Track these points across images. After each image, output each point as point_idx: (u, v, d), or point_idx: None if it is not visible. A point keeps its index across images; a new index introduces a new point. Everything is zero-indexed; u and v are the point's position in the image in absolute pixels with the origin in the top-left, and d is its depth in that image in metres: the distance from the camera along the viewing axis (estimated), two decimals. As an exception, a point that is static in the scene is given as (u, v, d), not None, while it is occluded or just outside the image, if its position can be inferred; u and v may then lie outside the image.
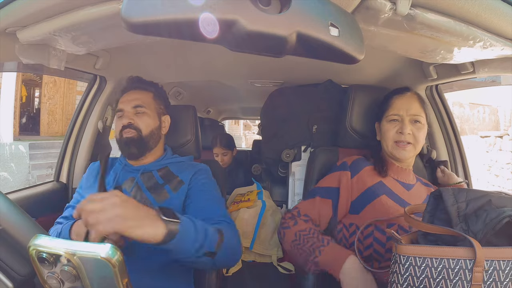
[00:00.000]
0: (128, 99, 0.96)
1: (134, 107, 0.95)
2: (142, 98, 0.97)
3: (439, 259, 0.55)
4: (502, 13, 0.58)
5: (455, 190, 0.61)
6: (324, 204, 0.90)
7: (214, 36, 0.41)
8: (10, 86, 6.21)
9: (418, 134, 0.89)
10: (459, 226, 0.57)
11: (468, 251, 0.54)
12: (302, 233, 0.85)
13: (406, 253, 0.57)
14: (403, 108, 0.90)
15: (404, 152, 0.89)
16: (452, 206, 0.59)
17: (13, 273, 0.44)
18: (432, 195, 0.63)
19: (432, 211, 0.62)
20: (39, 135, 7.74)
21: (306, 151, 1.39)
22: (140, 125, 0.94)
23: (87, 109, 1.22)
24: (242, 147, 6.27)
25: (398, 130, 0.90)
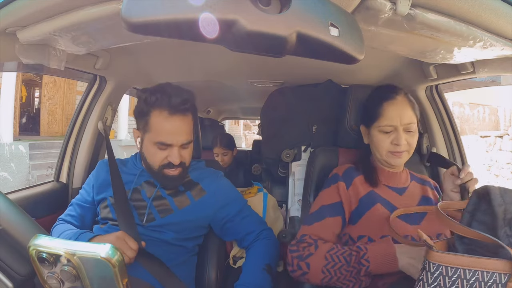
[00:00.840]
0: (176, 132, 0.84)
1: (185, 143, 0.86)
2: (189, 130, 0.87)
3: (472, 271, 0.49)
4: (502, 13, 0.58)
5: (501, 189, 0.55)
6: (336, 223, 0.85)
7: (214, 36, 0.41)
8: (10, 86, 6.20)
9: (412, 141, 0.86)
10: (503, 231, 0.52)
11: (505, 264, 0.48)
12: (333, 252, 0.76)
13: (437, 261, 0.51)
14: (396, 117, 0.84)
15: (399, 160, 0.86)
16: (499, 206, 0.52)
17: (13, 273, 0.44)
18: (475, 193, 0.57)
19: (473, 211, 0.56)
20: (39, 135, 7.75)
21: (306, 151, 1.39)
22: (187, 160, 0.89)
23: (87, 109, 1.22)
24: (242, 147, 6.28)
25: (393, 142, 0.85)
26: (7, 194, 1.00)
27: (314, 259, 0.77)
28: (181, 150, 0.86)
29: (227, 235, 0.97)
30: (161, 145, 0.84)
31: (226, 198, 0.96)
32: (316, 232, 0.84)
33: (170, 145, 0.84)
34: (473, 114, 9.77)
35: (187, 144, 0.87)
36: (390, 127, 0.85)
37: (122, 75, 1.23)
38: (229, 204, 0.96)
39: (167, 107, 0.83)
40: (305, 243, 0.81)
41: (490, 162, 5.80)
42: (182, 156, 0.86)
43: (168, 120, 0.83)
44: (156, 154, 0.85)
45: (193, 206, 0.92)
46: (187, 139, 0.86)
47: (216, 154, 2.00)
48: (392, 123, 0.85)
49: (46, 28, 0.67)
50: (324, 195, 0.90)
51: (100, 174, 0.96)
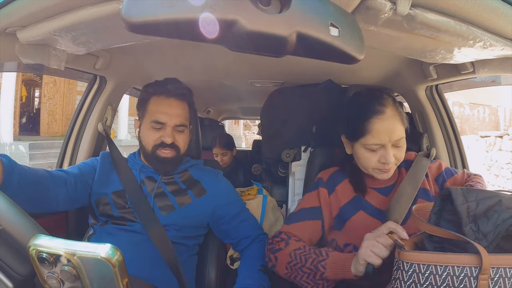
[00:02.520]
0: (171, 112, 0.89)
1: (178, 125, 0.89)
2: (184, 114, 0.91)
3: (443, 266, 0.52)
4: (502, 13, 0.58)
5: (464, 189, 0.58)
6: (315, 226, 0.86)
7: (214, 36, 0.41)
8: (10, 86, 6.20)
9: (400, 155, 0.79)
10: (469, 227, 0.55)
11: (473, 258, 0.52)
12: (297, 251, 0.78)
13: (409, 259, 0.54)
14: (384, 134, 0.76)
15: (387, 174, 0.80)
16: (462, 205, 0.56)
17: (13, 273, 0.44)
18: (439, 196, 0.60)
19: (439, 212, 0.60)
20: (39, 135, 7.75)
21: (306, 151, 1.39)
22: (180, 144, 0.91)
23: (87, 109, 1.21)
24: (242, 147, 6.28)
25: (381, 160, 0.78)
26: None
27: (281, 255, 0.80)
28: (174, 133, 0.89)
29: (224, 237, 0.98)
30: (155, 123, 0.88)
31: (226, 198, 0.97)
32: (292, 231, 0.85)
33: (164, 123, 0.88)
34: (473, 114, 9.78)
35: (181, 127, 0.91)
36: (377, 145, 0.77)
37: (122, 75, 1.22)
38: (228, 205, 0.96)
39: (164, 92, 0.90)
40: (279, 237, 0.84)
41: (490, 162, 5.80)
42: (176, 139, 0.89)
43: (163, 101, 0.89)
44: (150, 134, 0.89)
45: (194, 204, 0.93)
46: (180, 121, 0.90)
47: (216, 154, 2.01)
48: (381, 141, 0.76)
49: (46, 28, 0.67)
50: (306, 198, 0.90)
51: (104, 166, 0.95)
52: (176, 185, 0.94)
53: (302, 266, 0.76)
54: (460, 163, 1.21)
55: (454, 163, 1.22)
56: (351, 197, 0.86)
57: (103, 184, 0.92)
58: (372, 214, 0.83)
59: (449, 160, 1.22)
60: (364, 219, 0.83)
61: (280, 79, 1.54)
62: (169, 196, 0.92)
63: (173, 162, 0.91)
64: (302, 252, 0.78)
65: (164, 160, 0.90)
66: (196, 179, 0.97)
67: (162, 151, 0.89)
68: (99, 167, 0.94)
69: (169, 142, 0.88)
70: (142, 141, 0.92)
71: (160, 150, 0.89)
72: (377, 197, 0.86)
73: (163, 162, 0.90)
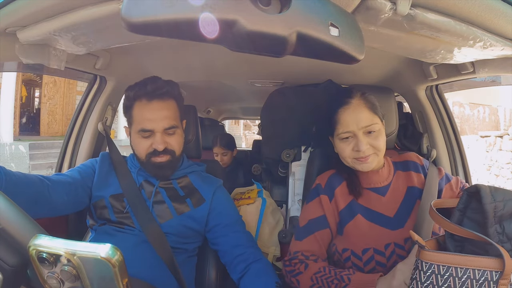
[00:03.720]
0: (156, 117, 0.84)
1: (167, 128, 0.86)
2: (171, 115, 0.87)
3: (464, 269, 0.50)
4: (502, 13, 0.58)
5: (492, 188, 0.56)
6: (325, 235, 0.86)
7: (214, 36, 0.41)
8: (10, 86, 6.20)
9: (377, 143, 0.80)
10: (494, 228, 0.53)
11: (495, 262, 0.50)
12: (319, 275, 0.78)
13: (429, 260, 0.52)
14: (352, 122, 0.80)
15: (367, 165, 0.81)
16: (490, 204, 0.53)
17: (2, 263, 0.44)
18: (466, 192, 0.58)
19: (464, 209, 0.57)
20: (39, 135, 7.75)
21: (306, 151, 1.39)
22: (175, 147, 0.88)
23: (87, 109, 1.22)
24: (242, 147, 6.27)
25: (354, 148, 0.81)
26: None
27: (303, 278, 0.81)
28: (165, 137, 0.86)
29: (212, 243, 0.94)
30: (143, 132, 0.85)
31: (222, 206, 0.95)
32: (307, 247, 0.85)
33: (152, 131, 0.85)
34: (473, 114, 9.77)
35: (171, 129, 0.86)
36: (347, 133, 0.81)
37: (122, 75, 1.22)
38: (223, 213, 0.94)
39: (144, 95, 0.85)
40: (297, 259, 0.83)
41: (490, 162, 5.80)
42: (168, 143, 0.86)
43: (146, 106, 0.85)
44: (141, 143, 0.86)
45: (192, 213, 0.91)
46: (169, 123, 0.85)
47: (216, 153, 2.01)
48: (349, 128, 0.80)
49: (46, 28, 0.67)
50: (309, 208, 0.89)
51: (103, 167, 0.94)
52: (174, 191, 0.92)
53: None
54: (460, 163, 1.21)
55: (454, 163, 1.21)
56: (348, 201, 0.86)
57: (101, 187, 0.91)
58: (370, 218, 0.83)
59: (449, 160, 1.22)
60: (361, 224, 0.82)
61: (280, 79, 1.54)
62: (167, 202, 0.90)
63: (170, 166, 0.89)
64: (323, 275, 0.78)
65: (160, 165, 0.87)
66: (195, 187, 0.95)
67: (156, 158, 0.86)
68: (98, 169, 0.93)
69: (161, 149, 0.85)
70: (135, 150, 0.89)
71: (154, 158, 0.86)
72: (373, 198, 0.85)
73: (160, 167, 0.88)
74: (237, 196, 1.55)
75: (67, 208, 0.86)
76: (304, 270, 0.81)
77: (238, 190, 1.62)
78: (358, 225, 0.83)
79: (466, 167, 1.21)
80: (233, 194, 1.57)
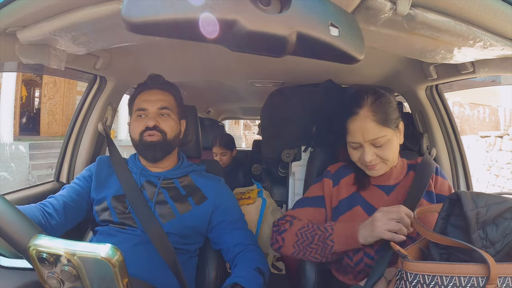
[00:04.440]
0: (152, 98, 0.92)
1: (160, 108, 0.91)
2: (166, 99, 0.94)
3: (449, 277, 0.50)
4: (502, 13, 0.58)
5: (473, 193, 0.56)
6: (317, 214, 0.89)
7: (214, 36, 0.41)
8: (10, 86, 6.20)
9: (384, 154, 0.81)
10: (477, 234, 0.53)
11: (480, 268, 0.50)
12: (303, 230, 0.82)
13: (414, 270, 0.52)
14: (358, 134, 0.81)
15: (375, 171, 0.83)
16: (471, 211, 0.53)
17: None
18: (447, 200, 0.58)
19: (446, 217, 0.58)
20: (39, 135, 7.75)
21: (306, 151, 1.39)
22: (166, 128, 0.91)
23: (87, 109, 1.22)
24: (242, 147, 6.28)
25: (361, 156, 0.82)
26: (7, 194, 1.00)
27: (288, 235, 0.84)
28: (158, 117, 0.91)
29: (216, 243, 0.95)
30: (139, 111, 0.92)
31: (225, 203, 0.96)
32: (297, 215, 0.89)
33: (146, 109, 0.91)
34: (473, 114, 9.77)
35: (164, 110, 0.92)
36: (355, 143, 0.82)
37: (122, 75, 1.23)
38: (226, 210, 0.95)
39: (146, 87, 0.95)
40: (284, 220, 0.89)
41: (490, 162, 5.80)
42: (159, 123, 0.91)
43: (146, 93, 0.94)
44: (136, 124, 0.92)
45: (194, 211, 0.91)
46: (162, 104, 0.92)
47: (215, 153, 2.00)
48: (355, 139, 0.81)
49: (46, 28, 0.67)
50: (311, 188, 0.94)
51: (102, 171, 0.95)
52: (176, 191, 0.93)
53: (310, 243, 0.80)
54: (460, 163, 1.21)
55: (454, 163, 1.21)
56: (350, 192, 0.88)
57: (102, 190, 0.92)
58: (368, 211, 0.84)
59: (449, 160, 1.22)
60: (358, 215, 0.84)
61: (280, 79, 1.54)
62: (169, 202, 0.91)
63: (161, 147, 0.91)
64: (307, 230, 0.82)
65: (151, 144, 0.89)
66: (197, 186, 0.95)
67: (147, 135, 0.90)
68: (96, 174, 0.94)
69: (152, 125, 0.89)
70: (131, 134, 0.94)
71: (145, 135, 0.90)
72: (378, 195, 0.86)
73: (150, 146, 0.90)
74: (237, 196, 1.55)
75: (68, 226, 0.88)
76: (289, 227, 0.85)
77: (238, 190, 1.63)
78: (355, 216, 0.84)
79: (466, 167, 1.21)
80: (232, 194, 1.57)
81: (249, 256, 0.89)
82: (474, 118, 9.76)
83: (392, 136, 0.81)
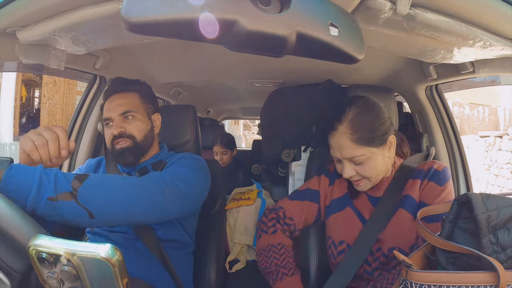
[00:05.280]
0: (113, 105, 0.90)
1: (122, 113, 0.89)
2: (129, 102, 0.91)
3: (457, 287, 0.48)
4: (502, 13, 0.58)
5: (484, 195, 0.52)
6: (312, 209, 0.90)
7: (214, 36, 0.41)
8: (10, 86, 6.19)
9: (364, 171, 0.78)
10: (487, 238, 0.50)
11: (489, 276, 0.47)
12: (273, 249, 0.83)
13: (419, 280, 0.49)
14: (336, 149, 0.79)
15: (360, 187, 0.82)
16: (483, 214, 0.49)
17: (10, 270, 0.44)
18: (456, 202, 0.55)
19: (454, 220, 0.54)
20: (39, 135, 7.73)
21: (306, 151, 1.39)
22: (133, 131, 0.89)
23: (87, 109, 1.22)
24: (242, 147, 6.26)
25: (342, 171, 0.80)
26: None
27: (263, 238, 0.86)
28: (122, 123, 0.89)
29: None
30: (105, 121, 0.91)
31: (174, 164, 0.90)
32: (291, 207, 0.89)
33: (109, 118, 0.90)
34: (473, 114, 9.77)
35: (128, 113, 0.89)
36: (335, 158, 0.81)
37: (122, 75, 1.22)
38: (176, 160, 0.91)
39: (109, 94, 0.93)
40: (275, 214, 0.88)
41: (490, 162, 5.80)
42: (125, 128, 0.89)
43: (109, 100, 0.92)
44: (106, 133, 0.91)
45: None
46: (123, 109, 0.89)
47: (216, 152, 2.01)
48: (335, 155, 0.80)
49: (46, 28, 0.67)
50: (309, 181, 0.94)
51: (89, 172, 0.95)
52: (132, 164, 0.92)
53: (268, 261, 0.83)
54: (460, 163, 1.21)
55: (454, 163, 1.22)
56: (343, 193, 0.88)
57: None
58: (358, 215, 0.85)
59: (449, 160, 1.22)
60: (349, 216, 0.85)
61: (280, 79, 1.54)
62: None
63: (131, 151, 0.89)
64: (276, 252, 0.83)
65: (121, 151, 0.88)
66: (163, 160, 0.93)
67: (116, 143, 0.89)
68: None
69: (117, 133, 0.88)
70: (106, 144, 0.93)
71: (114, 143, 0.89)
72: (364, 204, 0.85)
73: (121, 153, 0.88)
74: (236, 196, 1.55)
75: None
76: (270, 234, 0.85)
77: (237, 190, 1.63)
78: (346, 216, 0.85)
79: (466, 167, 1.22)
80: (232, 194, 1.58)
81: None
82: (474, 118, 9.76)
83: (373, 154, 0.76)
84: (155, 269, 0.83)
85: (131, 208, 0.68)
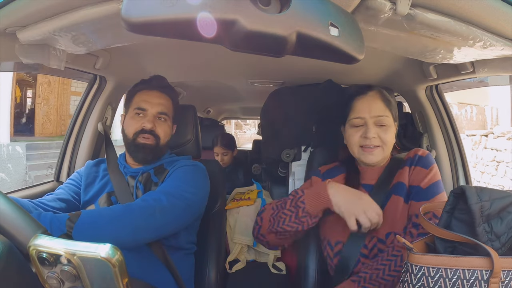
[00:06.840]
0: (154, 101, 0.92)
1: (159, 112, 0.92)
2: (166, 104, 0.94)
3: (454, 270, 0.51)
4: (502, 13, 0.58)
5: (478, 188, 0.57)
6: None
7: (214, 36, 0.41)
8: (7, 86, 6.17)
9: (385, 136, 0.83)
10: (482, 227, 0.54)
11: (484, 261, 0.51)
12: (277, 202, 0.85)
13: (418, 262, 0.53)
14: (365, 110, 0.84)
15: (372, 157, 0.84)
16: (476, 204, 0.54)
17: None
18: (452, 193, 0.59)
19: (451, 211, 0.59)
20: (34, 136, 7.71)
21: (306, 151, 1.39)
22: (160, 133, 0.92)
23: (87, 109, 1.22)
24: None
25: (363, 135, 0.84)
26: (7, 194, 1.00)
27: (265, 212, 0.86)
28: (156, 120, 0.92)
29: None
30: (138, 110, 0.91)
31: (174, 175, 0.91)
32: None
33: (146, 110, 0.91)
34: (461, 114, 9.77)
35: (163, 115, 0.93)
36: (359, 119, 0.85)
37: (122, 75, 1.22)
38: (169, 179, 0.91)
39: (148, 87, 0.95)
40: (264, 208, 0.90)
41: (476, 160, 5.90)
42: (156, 127, 0.91)
43: (147, 93, 0.94)
44: (132, 122, 0.92)
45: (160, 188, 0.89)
46: (162, 109, 0.92)
47: (216, 153, 2.00)
48: (360, 114, 0.85)
49: (46, 28, 0.66)
50: (304, 184, 0.96)
51: (90, 174, 0.96)
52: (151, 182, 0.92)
53: (283, 209, 0.81)
54: (460, 163, 1.21)
55: (454, 163, 1.22)
56: None
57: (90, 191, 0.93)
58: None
59: (449, 160, 1.22)
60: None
61: (280, 79, 1.54)
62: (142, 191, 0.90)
63: (153, 150, 0.91)
64: (280, 202, 0.84)
65: (144, 147, 0.89)
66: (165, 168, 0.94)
67: (142, 137, 0.90)
68: (85, 176, 0.96)
69: (149, 128, 0.89)
70: (125, 130, 0.94)
71: (140, 136, 0.90)
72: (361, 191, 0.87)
73: (143, 148, 0.90)
74: (236, 196, 1.55)
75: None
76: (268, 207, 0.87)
77: (237, 190, 1.63)
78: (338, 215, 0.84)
79: (466, 167, 1.22)
80: (232, 194, 1.58)
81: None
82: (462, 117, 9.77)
83: (392, 124, 0.85)
84: (157, 270, 0.83)
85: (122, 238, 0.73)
